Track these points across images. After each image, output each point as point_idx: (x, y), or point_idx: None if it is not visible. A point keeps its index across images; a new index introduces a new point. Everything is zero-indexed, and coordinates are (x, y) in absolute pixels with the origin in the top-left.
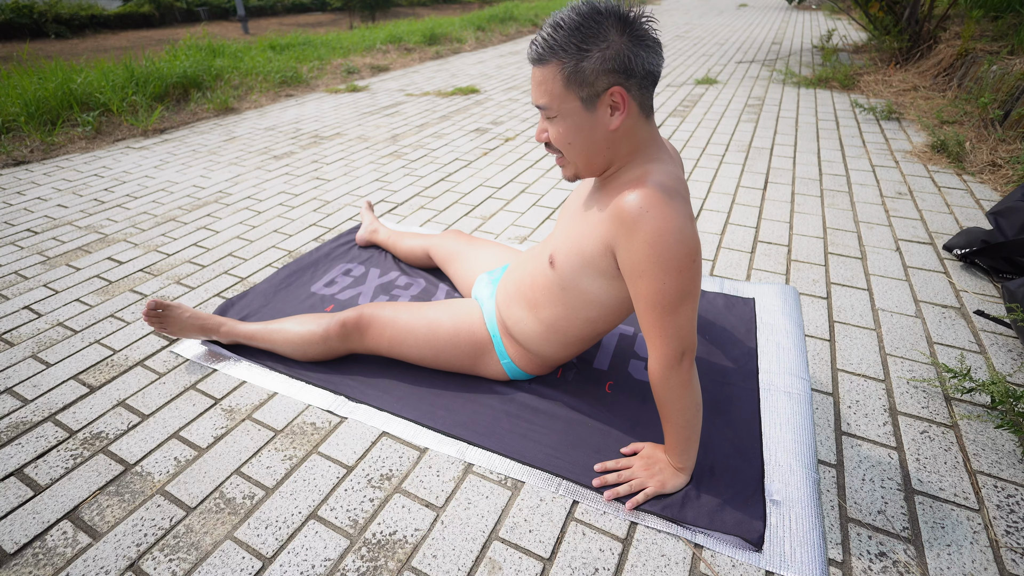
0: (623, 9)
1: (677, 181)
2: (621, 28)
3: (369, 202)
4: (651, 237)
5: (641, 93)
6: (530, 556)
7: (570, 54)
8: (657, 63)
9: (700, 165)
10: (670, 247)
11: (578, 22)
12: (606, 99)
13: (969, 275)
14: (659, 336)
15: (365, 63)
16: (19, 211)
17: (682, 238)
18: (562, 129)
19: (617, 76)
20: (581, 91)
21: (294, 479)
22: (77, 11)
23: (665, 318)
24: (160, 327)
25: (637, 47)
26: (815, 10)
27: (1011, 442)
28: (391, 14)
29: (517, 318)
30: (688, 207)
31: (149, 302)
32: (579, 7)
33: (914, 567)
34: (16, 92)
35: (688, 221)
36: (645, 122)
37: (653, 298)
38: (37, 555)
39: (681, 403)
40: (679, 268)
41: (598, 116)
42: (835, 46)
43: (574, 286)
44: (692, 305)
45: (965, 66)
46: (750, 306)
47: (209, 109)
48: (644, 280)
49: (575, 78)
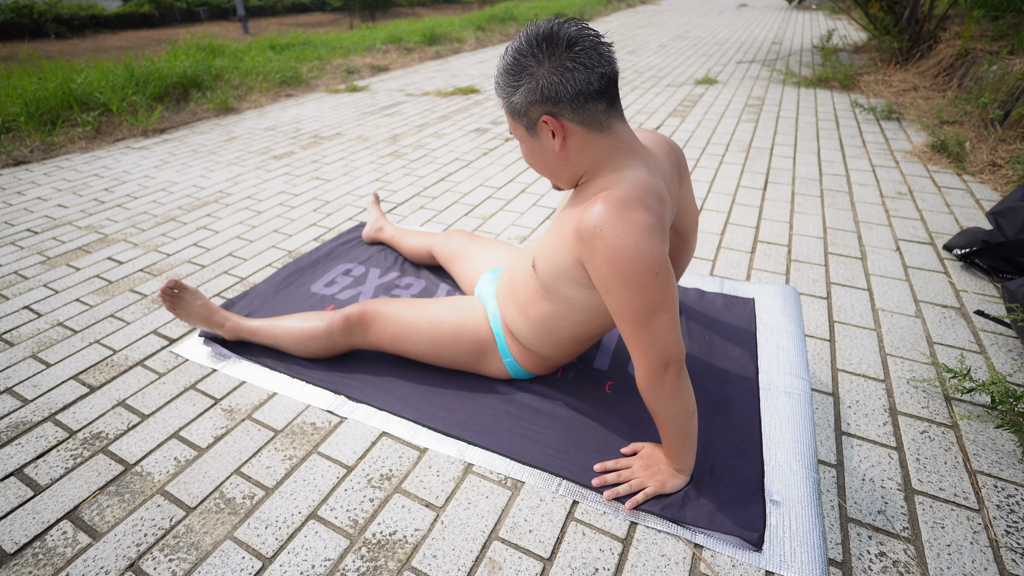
0: (554, 35)
1: (642, 190)
2: (544, 58)
3: (376, 194)
4: (607, 256)
5: (579, 113)
6: (530, 556)
7: (505, 91)
8: (587, 80)
9: (700, 165)
10: (627, 265)
11: (510, 60)
12: (543, 127)
13: (969, 275)
14: (638, 349)
15: (365, 63)
16: (19, 211)
17: (637, 255)
18: (523, 152)
19: (544, 105)
20: (522, 121)
21: (294, 479)
22: (77, 11)
23: (640, 332)
24: (170, 307)
25: (560, 74)
26: (815, 10)
27: (1011, 442)
28: (391, 14)
29: (512, 317)
30: (650, 215)
31: (169, 280)
32: (516, 43)
33: (914, 567)
34: (16, 92)
35: (645, 234)
36: (600, 135)
37: (623, 313)
38: (37, 555)
39: (671, 412)
40: (640, 284)
41: (543, 141)
42: (835, 46)
43: (556, 291)
44: (667, 316)
45: (965, 66)
46: (750, 306)
47: (209, 109)
48: (611, 296)
49: (512, 112)
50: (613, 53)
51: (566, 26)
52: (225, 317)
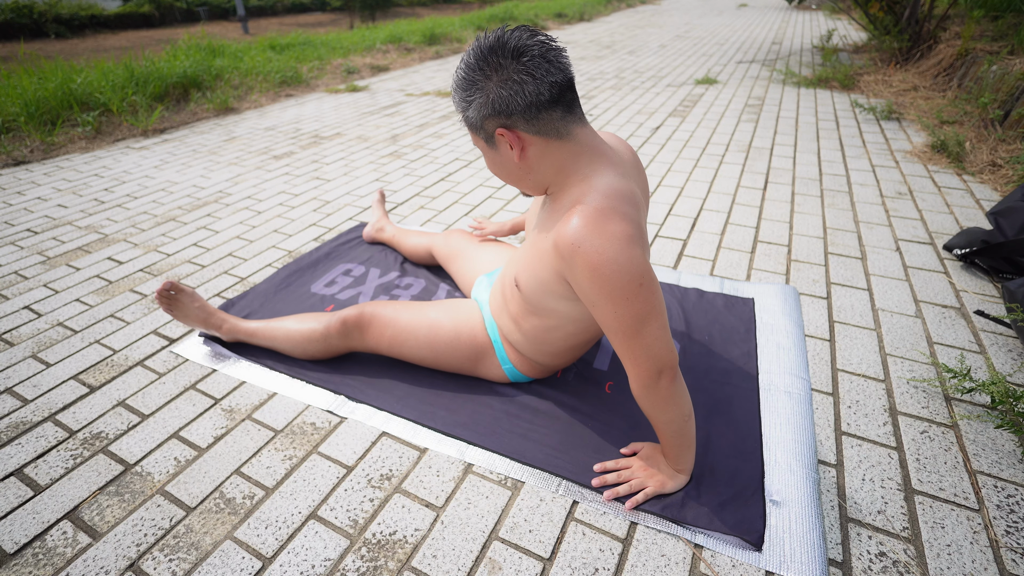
0: (501, 46)
1: (616, 198)
2: (492, 72)
3: (382, 191)
4: (589, 271)
5: (533, 124)
6: (530, 556)
7: (460, 106)
8: (536, 91)
9: (700, 165)
10: (610, 278)
11: (462, 76)
12: (500, 139)
13: (969, 275)
14: (630, 359)
15: (365, 63)
16: (19, 211)
17: (619, 267)
18: (487, 163)
19: (497, 119)
20: (480, 134)
21: (294, 479)
22: (77, 11)
23: (630, 342)
24: (167, 308)
25: (509, 87)
26: (815, 10)
27: (1011, 442)
28: (391, 14)
29: (507, 328)
30: (627, 225)
31: (165, 282)
32: (466, 57)
33: (914, 567)
34: (16, 92)
35: (624, 246)
36: (560, 142)
37: (612, 326)
38: (37, 555)
39: (666, 416)
40: (625, 296)
41: (502, 153)
42: (835, 46)
43: (543, 306)
44: (656, 323)
45: (965, 66)
46: (750, 306)
47: (209, 109)
48: (597, 310)
49: (470, 125)
50: (565, 59)
51: (515, 35)
52: (223, 319)
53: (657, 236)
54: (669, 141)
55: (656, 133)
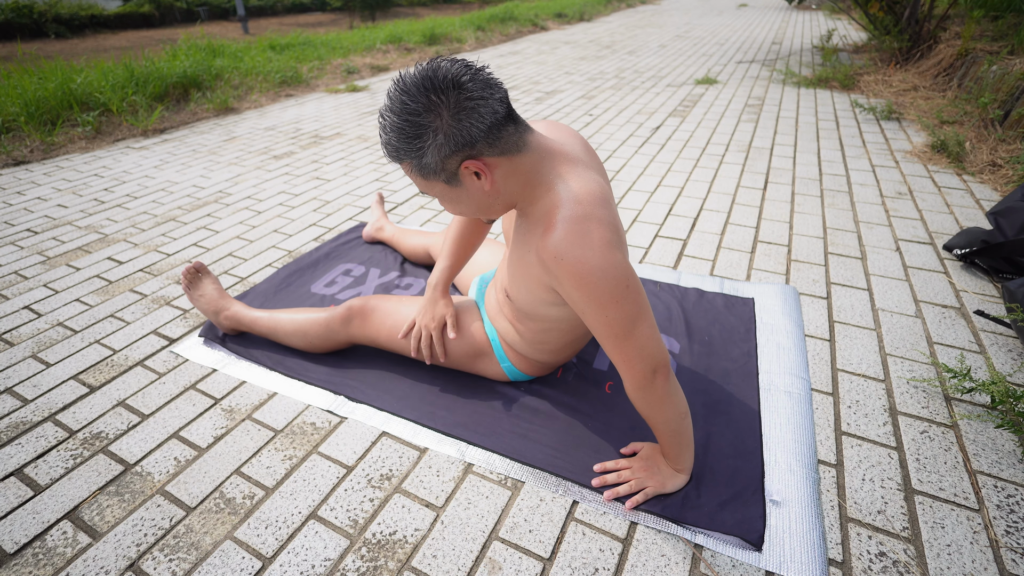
0: (438, 81)
1: (587, 202)
2: (438, 110)
3: (381, 194)
4: (574, 281)
5: (496, 146)
6: (530, 556)
7: (408, 155)
8: (492, 110)
9: (700, 165)
10: (596, 285)
11: (399, 125)
12: (465, 173)
13: (969, 275)
14: (623, 361)
15: (365, 63)
16: (19, 211)
17: (603, 273)
18: (448, 206)
19: (460, 153)
20: (439, 177)
21: (294, 479)
22: (77, 11)
23: (622, 344)
24: (187, 285)
25: (462, 119)
26: (815, 10)
27: (1011, 442)
28: (391, 14)
29: (505, 329)
30: (604, 229)
31: (196, 262)
32: (396, 104)
33: (914, 567)
34: (16, 92)
35: (605, 251)
36: (520, 156)
37: (602, 331)
38: (37, 555)
39: (662, 416)
40: (614, 300)
41: (467, 187)
42: (835, 46)
43: (535, 312)
44: (646, 323)
45: (965, 66)
46: (750, 306)
47: (209, 109)
48: (587, 316)
49: (426, 172)
50: (493, 75)
51: (438, 68)
52: (231, 303)
53: (657, 236)
54: (669, 141)
55: (656, 133)
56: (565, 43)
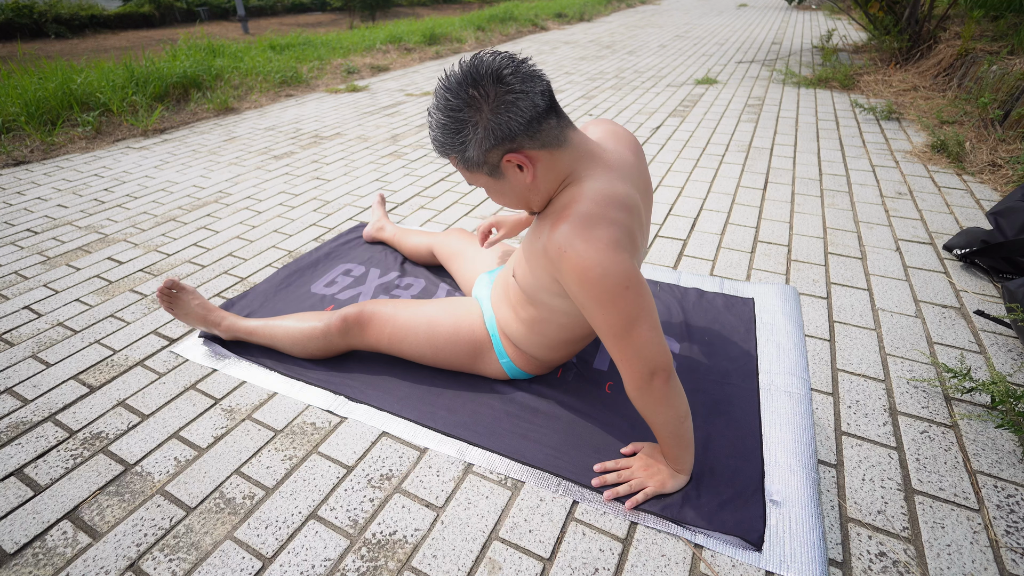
0: (479, 75)
1: (603, 203)
2: (480, 104)
3: (382, 195)
4: (575, 276)
5: (536, 139)
6: (530, 556)
7: (453, 150)
8: (532, 104)
9: (700, 165)
10: (597, 282)
11: (443, 121)
12: (507, 166)
13: (969, 275)
14: (622, 360)
15: (365, 63)
16: (19, 211)
17: (604, 271)
18: (492, 196)
19: (502, 146)
20: (482, 169)
21: (294, 479)
22: (77, 11)
23: (620, 344)
24: (168, 306)
25: (502, 113)
26: (815, 10)
27: (1011, 442)
28: (391, 14)
29: (506, 319)
30: (614, 230)
31: (167, 280)
32: (440, 101)
33: (914, 567)
34: (16, 92)
35: (610, 250)
36: (560, 150)
37: (602, 327)
38: (37, 555)
39: (661, 417)
40: (613, 299)
41: (510, 179)
42: (835, 46)
43: (537, 299)
44: (646, 326)
45: (965, 66)
46: (750, 306)
47: (209, 109)
48: (587, 313)
49: (470, 165)
50: (536, 66)
51: (481, 62)
52: (222, 316)
53: (657, 236)
54: (669, 141)
55: (656, 133)
56: (565, 43)
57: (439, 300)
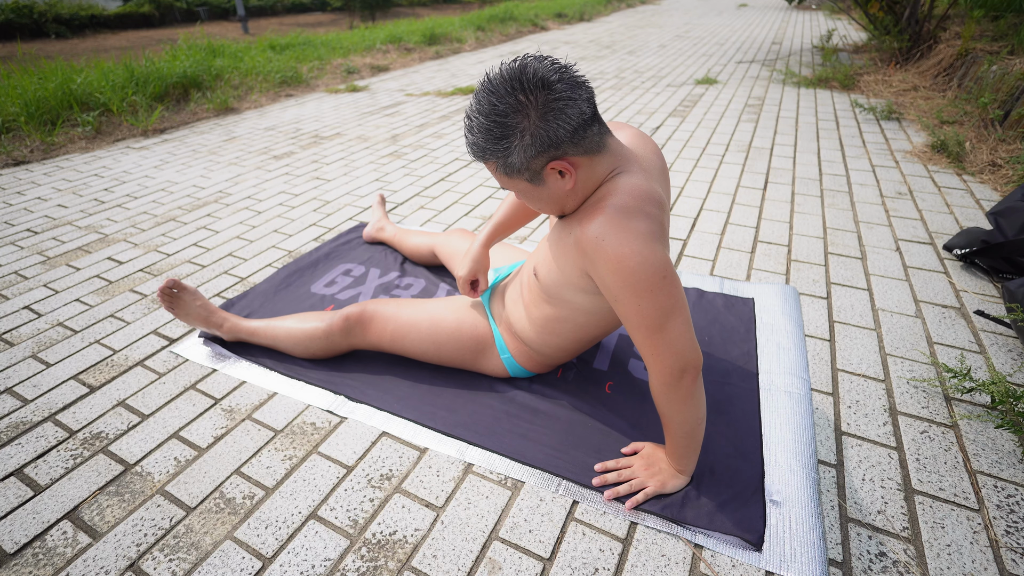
0: (526, 81)
1: (638, 197)
2: (526, 111)
3: (382, 196)
4: (613, 265)
5: (579, 146)
6: (530, 556)
7: (495, 155)
8: (579, 112)
9: (700, 165)
10: (634, 272)
11: (487, 126)
12: (549, 173)
13: (969, 275)
14: (654, 355)
15: (365, 63)
16: (19, 211)
17: (643, 260)
18: (528, 200)
19: (547, 154)
20: (523, 175)
21: (294, 479)
22: (77, 11)
23: (654, 337)
24: (169, 307)
25: (550, 120)
26: (815, 10)
27: (1011, 442)
28: (391, 14)
29: (517, 315)
30: (650, 223)
31: (168, 280)
32: (484, 105)
33: (914, 567)
34: (16, 92)
35: (647, 241)
36: (600, 156)
37: (635, 320)
38: (37, 555)
39: (682, 416)
40: (650, 289)
41: (550, 185)
42: (835, 46)
43: (559, 296)
44: (680, 319)
45: (965, 66)
46: (750, 306)
47: (209, 109)
48: (620, 304)
49: (510, 171)
50: (580, 73)
51: (527, 67)
52: (224, 317)
53: None
54: (669, 141)
55: (656, 133)
56: (565, 43)
57: (441, 298)
